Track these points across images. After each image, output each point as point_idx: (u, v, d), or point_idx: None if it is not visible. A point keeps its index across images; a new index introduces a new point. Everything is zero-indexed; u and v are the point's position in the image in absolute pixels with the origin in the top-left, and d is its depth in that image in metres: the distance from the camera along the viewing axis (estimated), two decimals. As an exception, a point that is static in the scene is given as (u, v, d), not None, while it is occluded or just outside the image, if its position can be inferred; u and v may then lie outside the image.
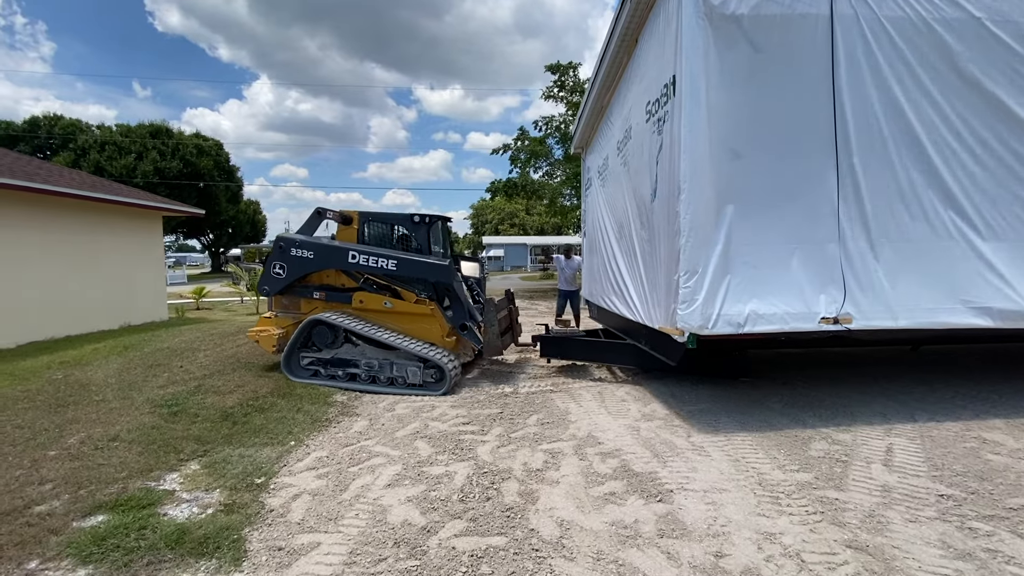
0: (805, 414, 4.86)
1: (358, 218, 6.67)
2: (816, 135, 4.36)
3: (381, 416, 5.09)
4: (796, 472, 3.66)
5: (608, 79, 6.74)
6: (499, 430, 4.60)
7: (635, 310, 5.66)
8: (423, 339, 6.19)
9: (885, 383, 5.69)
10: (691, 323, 4.23)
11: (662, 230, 4.71)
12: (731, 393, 5.54)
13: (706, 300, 4.21)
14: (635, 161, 5.50)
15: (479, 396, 5.68)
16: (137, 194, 11.69)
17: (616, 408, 5.19)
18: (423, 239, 6.46)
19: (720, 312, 4.25)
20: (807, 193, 4.38)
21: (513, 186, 25.30)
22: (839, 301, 4.37)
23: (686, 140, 4.14)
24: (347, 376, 6.17)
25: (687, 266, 4.22)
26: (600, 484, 3.50)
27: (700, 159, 4.17)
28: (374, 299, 6.36)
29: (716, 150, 4.21)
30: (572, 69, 23.97)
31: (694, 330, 4.25)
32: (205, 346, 8.28)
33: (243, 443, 4.32)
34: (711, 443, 4.20)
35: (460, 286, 6.19)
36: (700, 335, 4.29)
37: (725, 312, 4.25)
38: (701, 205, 4.19)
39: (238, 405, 5.23)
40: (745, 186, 4.30)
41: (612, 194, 6.78)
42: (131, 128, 37.74)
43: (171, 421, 4.75)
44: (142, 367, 6.79)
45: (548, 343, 6.67)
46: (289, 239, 6.59)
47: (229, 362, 7.09)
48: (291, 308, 6.82)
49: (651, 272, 5.10)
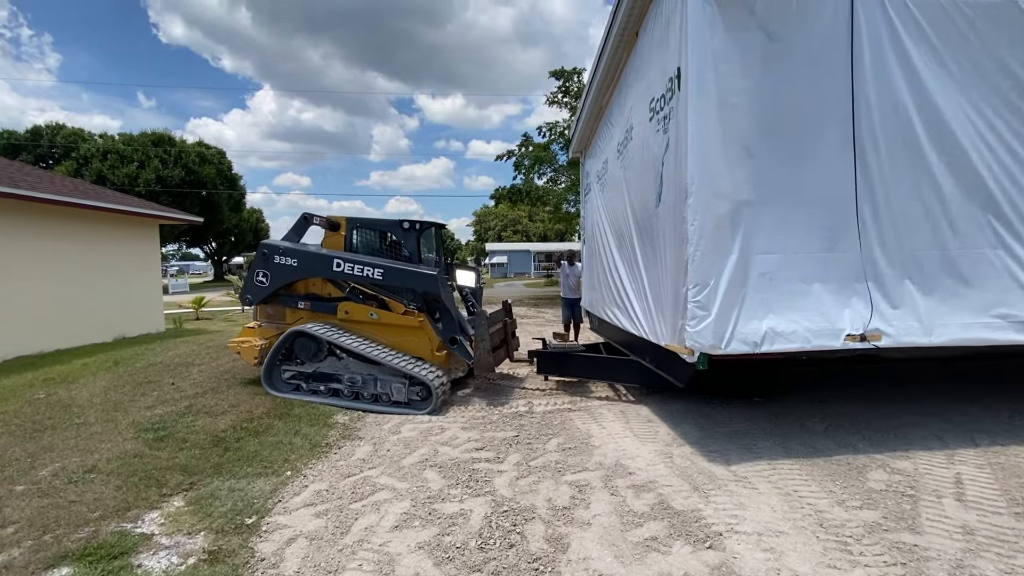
0: (852, 437, 4.41)
1: (346, 224, 6.33)
2: (837, 132, 3.88)
3: (386, 440, 4.67)
4: (859, 509, 3.22)
5: (607, 78, 6.33)
6: (516, 457, 4.17)
7: (639, 324, 5.19)
8: (411, 353, 5.80)
9: (931, 401, 5.23)
10: (702, 342, 3.75)
11: (668, 238, 4.24)
12: (765, 412, 5.09)
13: (719, 316, 3.74)
14: (637, 163, 5.05)
15: (491, 416, 5.25)
16: (132, 201, 11.35)
17: (643, 430, 4.75)
18: (413, 246, 6.08)
19: (734, 329, 3.77)
20: (828, 196, 3.90)
21: (517, 192, 25.00)
22: (866, 316, 3.88)
23: (694, 137, 3.70)
24: (329, 391, 5.81)
25: (697, 278, 3.74)
26: (638, 526, 3.07)
27: (709, 158, 3.72)
28: (360, 310, 6.01)
29: (727, 149, 3.75)
30: (576, 74, 23.76)
31: (705, 350, 3.77)
32: (200, 360, 7.87)
33: (234, 473, 3.90)
34: (755, 473, 3.76)
35: (449, 297, 5.79)
36: (712, 355, 3.81)
37: (740, 330, 3.77)
38: (711, 209, 3.74)
39: (231, 428, 4.82)
40: (759, 188, 3.83)
41: (612, 199, 6.34)
42: (133, 137, 37.63)
43: (156, 448, 4.33)
44: (131, 385, 6.38)
45: (546, 359, 6.21)
46: (272, 246, 6.25)
47: (224, 378, 6.68)
48: (276, 318, 6.50)
49: (656, 284, 4.64)
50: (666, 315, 4.29)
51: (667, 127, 4.12)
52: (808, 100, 3.78)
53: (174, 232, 37.78)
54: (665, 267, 4.32)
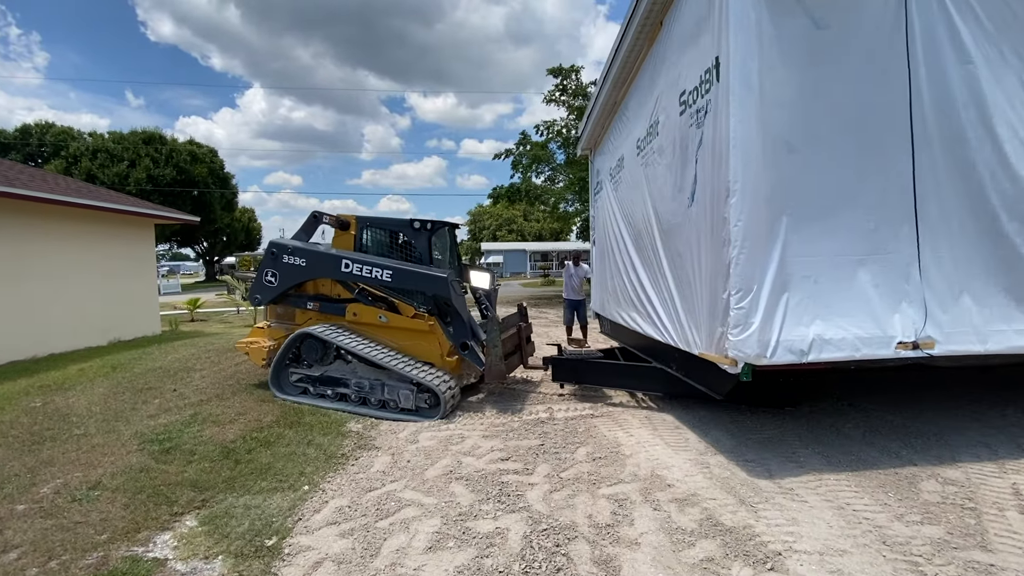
0: (893, 443, 4.24)
1: (355, 223, 6.15)
2: (889, 127, 3.66)
3: (404, 450, 4.44)
4: (921, 524, 3.04)
5: (624, 72, 6.11)
6: (546, 468, 3.96)
7: (663, 330, 4.95)
8: (421, 358, 5.60)
9: (969, 405, 5.08)
10: (746, 351, 3.52)
11: (703, 239, 4.01)
12: (795, 417, 4.92)
13: (763, 323, 3.51)
14: (664, 160, 4.80)
15: (513, 424, 5.04)
16: (127, 200, 11.02)
17: (672, 438, 4.56)
18: (423, 247, 5.88)
19: (779, 337, 3.53)
20: (878, 195, 3.68)
21: (516, 191, 24.81)
22: (918, 322, 3.67)
23: (736, 132, 3.48)
24: (336, 396, 5.62)
25: (740, 282, 3.51)
26: (690, 545, 2.87)
27: (753, 154, 3.50)
28: (369, 312, 5.83)
29: (770, 144, 3.53)
30: (575, 72, 23.61)
31: (750, 359, 3.53)
32: (201, 365, 7.59)
33: (248, 488, 3.66)
34: (801, 484, 3.57)
35: (460, 300, 5.57)
36: (757, 365, 3.58)
37: (785, 337, 3.54)
38: (756, 209, 3.51)
39: (240, 438, 4.57)
40: (804, 186, 3.61)
41: (629, 198, 6.10)
42: (123, 135, 37.00)
43: (163, 461, 4.08)
44: (131, 392, 6.10)
45: (561, 367, 5.93)
46: (281, 245, 6.06)
47: (228, 384, 6.42)
48: (286, 318, 6.36)
49: (686, 288, 4.40)
50: (700, 322, 4.08)
51: (702, 121, 3.92)
52: (858, 92, 3.58)
53: (165, 232, 37.22)
54: (698, 271, 4.11)
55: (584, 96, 23.53)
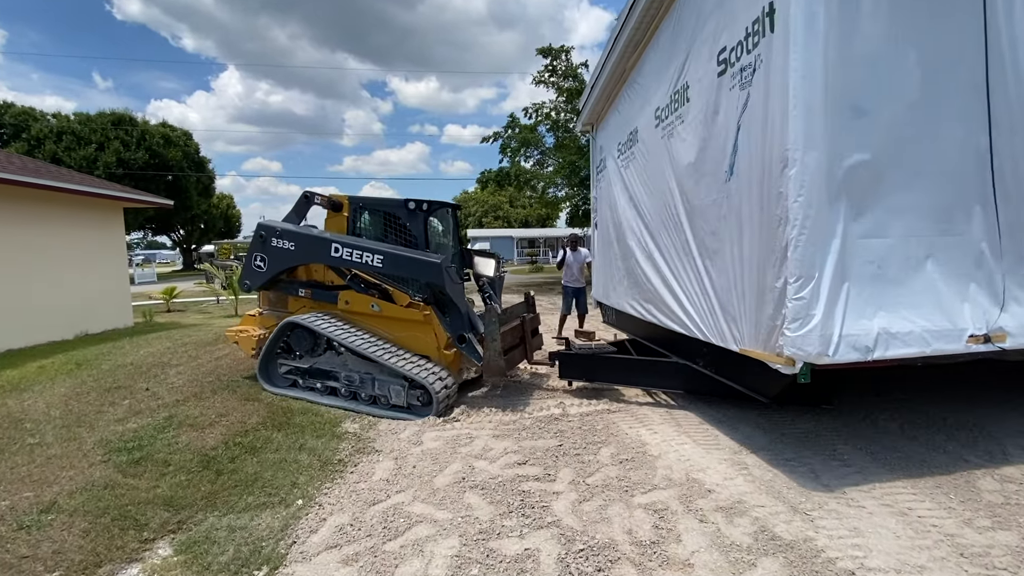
0: (936, 436, 3.95)
1: (348, 204, 5.69)
2: (964, 89, 3.28)
3: (408, 453, 4.01)
4: (993, 530, 2.73)
5: (637, 34, 5.62)
6: (569, 473, 3.56)
7: (688, 322, 4.54)
8: (416, 350, 5.18)
9: (999, 393, 4.83)
10: (806, 349, 3.09)
11: (747, 218, 3.58)
12: (828, 410, 4.61)
13: (825, 316, 3.09)
14: (693, 129, 4.32)
15: (524, 421, 4.63)
16: (93, 182, 10.21)
17: (700, 435, 4.20)
18: (420, 230, 5.42)
19: (842, 332, 3.12)
20: (949, 166, 3.29)
21: (505, 176, 24.23)
22: (991, 313, 3.30)
23: (799, 90, 3.01)
24: (326, 390, 5.24)
25: (800, 268, 3.07)
26: (751, 565, 2.50)
27: (817, 117, 3.06)
28: (361, 300, 5.42)
29: (835, 105, 3.10)
30: (565, 53, 22.99)
31: (811, 358, 3.10)
32: (177, 360, 7.01)
33: (232, 505, 3.19)
34: (853, 487, 3.24)
35: (456, 288, 5.11)
36: (817, 364, 3.15)
37: (848, 332, 3.12)
38: (821, 182, 3.08)
39: (222, 444, 4.08)
40: (868, 156, 3.18)
41: (644, 175, 5.62)
42: (91, 117, 35.11)
43: (132, 474, 3.57)
44: (97, 392, 5.53)
45: (570, 362, 5.45)
46: (270, 227, 5.59)
47: (208, 381, 5.88)
48: (279, 306, 5.93)
49: (721, 276, 3.96)
50: (742, 314, 3.67)
51: (747, 81, 3.47)
52: (931, 49, 3.17)
53: (138, 219, 35.70)
54: (740, 255, 3.69)
55: (575, 77, 22.96)
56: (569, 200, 24.40)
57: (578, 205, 23.27)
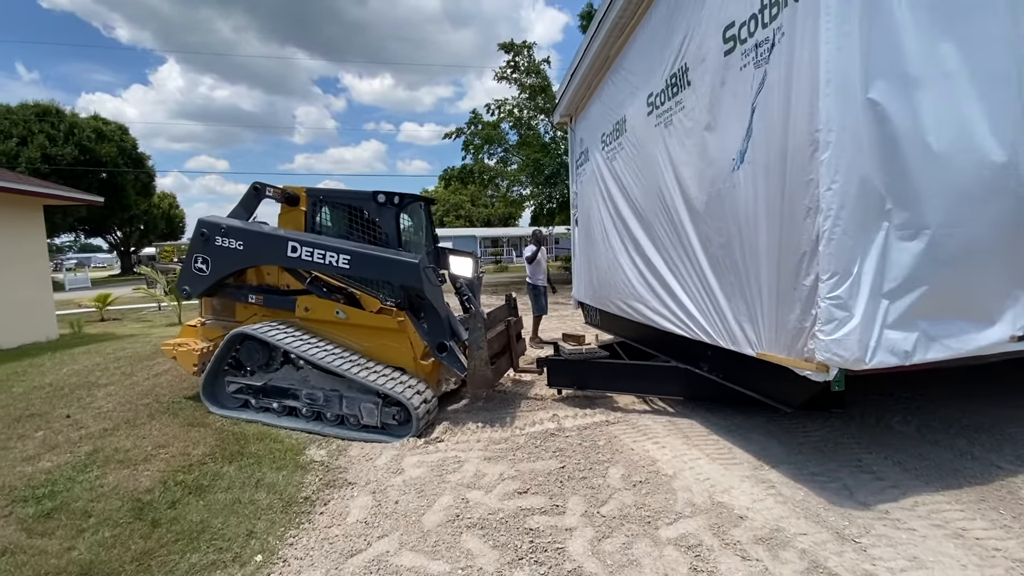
0: (959, 441, 3.74)
1: (306, 197, 5.03)
2: (998, 62, 2.99)
3: (387, 484, 3.44)
4: (1060, 553, 2.46)
5: (621, 20, 5.25)
6: (579, 503, 3.10)
7: (690, 323, 4.15)
8: (389, 362, 4.62)
9: (997, 390, 4.72)
10: (843, 354, 2.75)
11: (762, 208, 3.23)
12: (838, 412, 4.36)
13: (864, 317, 2.76)
14: (696, 115, 3.96)
15: (517, 439, 4.14)
16: (5, 176, 8.98)
17: (712, 448, 3.84)
18: (391, 226, 4.84)
19: (880, 335, 2.81)
20: (985, 147, 2.96)
21: (469, 173, 23.65)
22: None
23: (832, 64, 2.65)
24: (284, 410, 4.59)
25: (835, 264, 2.72)
26: (819, 619, 2.11)
27: (853, 94, 2.71)
28: (323, 306, 4.80)
29: (871, 81, 2.75)
30: (527, 49, 22.69)
31: (848, 364, 2.77)
32: (107, 378, 6.12)
33: (173, 568, 2.55)
34: (894, 504, 2.94)
35: (436, 291, 4.59)
36: (853, 371, 2.83)
37: (887, 335, 2.81)
38: (857, 166, 2.75)
39: (160, 484, 3.39)
40: (901, 139, 2.83)
41: (635, 166, 5.23)
42: (11, 109, 31.98)
43: (40, 532, 2.85)
44: (3, 422, 4.64)
45: (560, 369, 5.00)
46: (213, 224, 4.88)
47: (144, 404, 5.08)
48: (224, 314, 5.22)
49: (730, 273, 3.59)
50: (760, 315, 3.31)
51: (764, 58, 3.11)
52: (967, 22, 2.89)
53: (68, 220, 32.89)
54: (755, 250, 3.32)
55: (537, 73, 22.69)
56: (534, 198, 24.05)
57: (543, 204, 22.98)
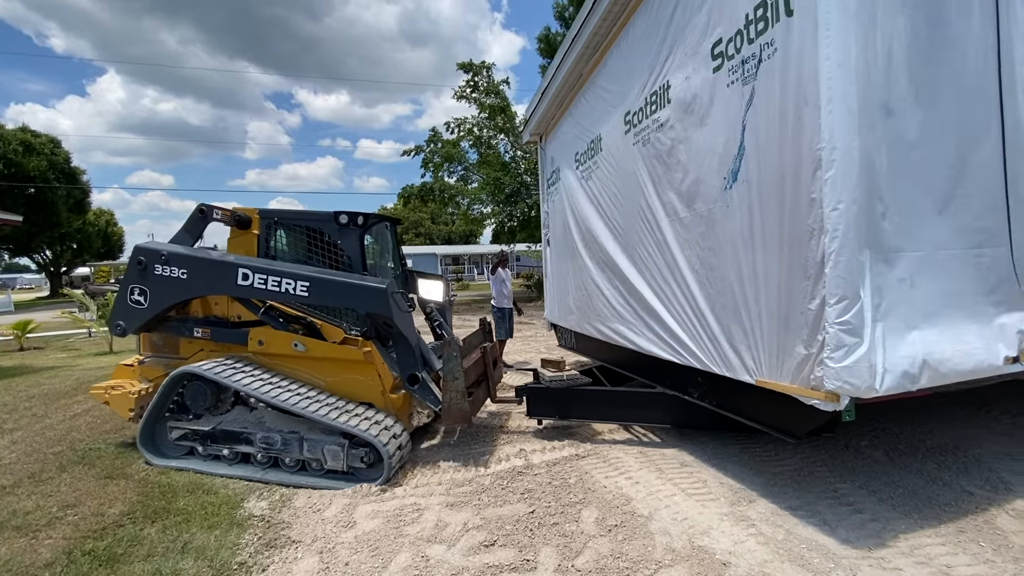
0: (928, 465, 3.71)
1: (259, 220, 4.66)
2: (978, 83, 3.03)
3: (335, 541, 3.06)
4: (1046, 590, 2.38)
5: (595, 39, 5.20)
6: (551, 555, 2.83)
7: (678, 347, 3.97)
8: (355, 397, 4.26)
9: (949, 405, 4.80)
10: (854, 382, 2.61)
11: (758, 229, 3.13)
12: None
13: (872, 342, 2.67)
14: (678, 133, 3.85)
15: (482, 479, 3.83)
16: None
17: (686, 482, 3.66)
18: (354, 249, 4.53)
19: (885, 360, 2.70)
20: (984, 174, 3.01)
21: (429, 191, 23.36)
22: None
23: (833, 79, 2.58)
24: (237, 457, 4.13)
25: (842, 287, 2.61)
26: None
27: (854, 112, 2.65)
28: (280, 339, 4.37)
29: (864, 102, 2.71)
30: (486, 69, 22.92)
31: (859, 392, 2.63)
32: (14, 422, 5.39)
33: (64, 672, 2.10)
34: (876, 541, 2.82)
35: (406, 318, 4.26)
36: (863, 400, 2.70)
37: (891, 359, 2.71)
38: (863, 185, 2.69)
39: (64, 555, 2.88)
40: (898, 161, 2.83)
41: (612, 186, 5.11)
42: (-76, 118, 29.45)
43: None
44: None
45: (540, 398, 4.74)
46: (152, 251, 4.39)
47: (54, 452, 4.46)
48: (165, 350, 4.72)
49: (723, 296, 3.46)
50: (758, 341, 3.16)
51: (752, 74, 3.02)
52: (951, 41, 2.90)
53: (-11, 238, 30.33)
54: (749, 272, 3.18)
55: (496, 94, 22.88)
56: (494, 216, 24.00)
57: (503, 222, 22.97)
